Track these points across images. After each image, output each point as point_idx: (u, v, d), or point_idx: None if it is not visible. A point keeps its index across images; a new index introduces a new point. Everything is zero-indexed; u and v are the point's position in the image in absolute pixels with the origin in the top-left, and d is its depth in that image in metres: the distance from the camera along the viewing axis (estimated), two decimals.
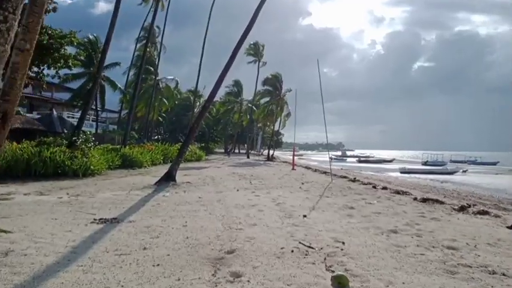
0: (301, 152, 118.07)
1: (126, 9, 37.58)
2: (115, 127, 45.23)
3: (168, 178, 11.63)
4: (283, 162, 38.36)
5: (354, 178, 16.75)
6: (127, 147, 21.40)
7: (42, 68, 18.19)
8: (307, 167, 27.73)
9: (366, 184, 14.30)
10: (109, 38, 16.07)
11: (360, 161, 69.18)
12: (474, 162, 66.86)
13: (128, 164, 19.19)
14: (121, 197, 8.92)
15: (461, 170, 40.83)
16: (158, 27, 39.62)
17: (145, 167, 20.08)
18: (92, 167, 13.91)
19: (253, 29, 12.41)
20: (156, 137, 48.83)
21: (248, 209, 7.49)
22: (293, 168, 23.36)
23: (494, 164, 65.39)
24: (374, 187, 13.23)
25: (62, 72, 19.02)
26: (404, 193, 11.61)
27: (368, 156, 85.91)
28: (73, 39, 17.69)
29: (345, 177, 18.08)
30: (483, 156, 75.33)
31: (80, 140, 14.92)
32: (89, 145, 15.13)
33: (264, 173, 18.78)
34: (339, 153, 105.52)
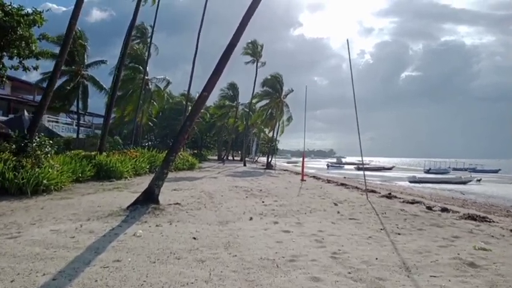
0: (293, 159, 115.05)
1: (122, 17, 33.70)
2: (98, 131, 41.12)
3: (148, 199, 7.96)
4: (284, 170, 34.80)
5: (390, 193, 13.24)
6: (104, 153, 17.61)
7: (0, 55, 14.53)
8: (316, 177, 24.15)
9: (413, 203, 10.80)
10: (77, 12, 12.36)
11: (358, 169, 66.28)
12: (474, 170, 64.30)
13: (105, 174, 15.43)
14: (61, 239, 5.24)
15: (476, 179, 37.84)
16: (151, 26, 35.70)
17: (126, 178, 16.32)
18: (45, 180, 10.14)
19: (245, 37, 9.21)
20: (147, 144, 44.94)
21: (288, 274, 3.88)
22: (303, 179, 19.79)
23: (496, 171, 63.03)
24: (430, 208, 9.77)
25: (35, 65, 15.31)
26: (482, 219, 8.15)
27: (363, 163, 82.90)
28: (36, 17, 14.08)
29: (373, 191, 14.57)
30: (480, 164, 72.84)
31: (34, 144, 11.14)
32: (45, 150, 11.34)
33: (273, 186, 15.16)
34: (334, 160, 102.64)
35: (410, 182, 35.16)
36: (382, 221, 7.18)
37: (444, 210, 9.55)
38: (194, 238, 5.44)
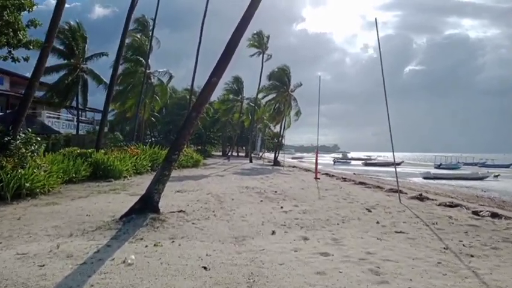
0: (298, 154, 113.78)
1: (125, 13, 32.59)
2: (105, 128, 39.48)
3: (146, 207, 6.54)
4: (293, 167, 33.34)
5: (421, 194, 11.75)
6: (102, 151, 16.22)
7: None
8: (329, 175, 22.67)
9: (452, 206, 9.34)
10: None
11: (366, 164, 64.80)
12: (484, 165, 62.86)
13: (102, 174, 14.08)
14: (24, 270, 3.84)
15: (493, 175, 36.25)
16: (152, 19, 33.96)
17: (125, 177, 14.96)
18: (29, 183, 8.76)
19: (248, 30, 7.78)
20: (150, 140, 43.58)
21: None
22: (317, 177, 18.33)
23: (508, 166, 61.37)
24: (476, 213, 8.31)
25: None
26: None
27: (370, 158, 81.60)
28: (24, 1, 12.68)
29: (401, 192, 13.08)
30: (490, 158, 71.07)
31: (18, 141, 9.75)
32: (31, 148, 9.94)
33: (286, 186, 13.72)
34: (339, 155, 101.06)
35: (424, 178, 33.66)
36: (439, 236, 5.72)
37: (494, 215, 8.09)
38: (204, 268, 4.01)
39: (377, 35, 10.32)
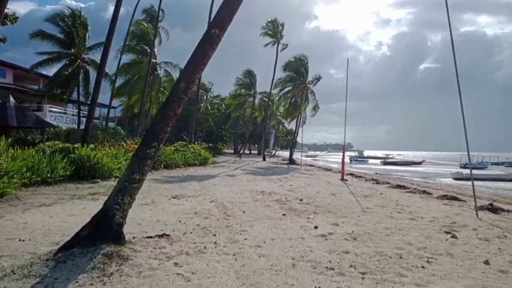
0: (310, 152, 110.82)
1: (137, 13, 30.82)
2: (113, 124, 37.29)
3: (98, 233, 3.95)
4: (310, 166, 30.58)
5: (491, 204, 8.90)
6: (91, 146, 13.77)
7: None
8: (355, 175, 19.86)
9: None
10: None
11: (385, 163, 61.30)
12: (511, 165, 59.10)
13: (87, 173, 11.63)
14: None
15: None
16: (163, 10, 31.50)
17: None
18: None
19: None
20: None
21: None
22: (343, 179, 15.57)
23: None
24: None
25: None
26: None
27: (389, 156, 78.04)
28: None
29: (455, 198, 10.27)
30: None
31: None
32: None
33: (311, 190, 11.01)
34: (353, 154, 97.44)
35: (455, 179, 30.35)
36: None
37: None
38: None
39: (448, 15, 7.50)
